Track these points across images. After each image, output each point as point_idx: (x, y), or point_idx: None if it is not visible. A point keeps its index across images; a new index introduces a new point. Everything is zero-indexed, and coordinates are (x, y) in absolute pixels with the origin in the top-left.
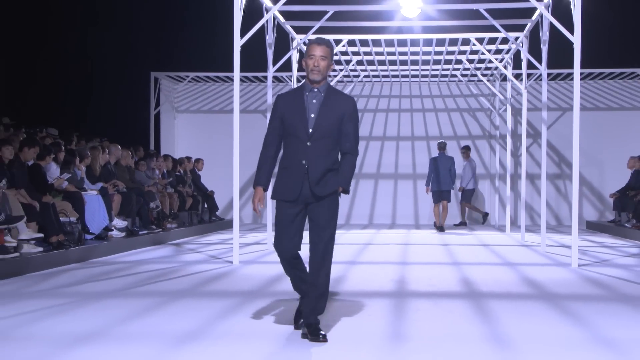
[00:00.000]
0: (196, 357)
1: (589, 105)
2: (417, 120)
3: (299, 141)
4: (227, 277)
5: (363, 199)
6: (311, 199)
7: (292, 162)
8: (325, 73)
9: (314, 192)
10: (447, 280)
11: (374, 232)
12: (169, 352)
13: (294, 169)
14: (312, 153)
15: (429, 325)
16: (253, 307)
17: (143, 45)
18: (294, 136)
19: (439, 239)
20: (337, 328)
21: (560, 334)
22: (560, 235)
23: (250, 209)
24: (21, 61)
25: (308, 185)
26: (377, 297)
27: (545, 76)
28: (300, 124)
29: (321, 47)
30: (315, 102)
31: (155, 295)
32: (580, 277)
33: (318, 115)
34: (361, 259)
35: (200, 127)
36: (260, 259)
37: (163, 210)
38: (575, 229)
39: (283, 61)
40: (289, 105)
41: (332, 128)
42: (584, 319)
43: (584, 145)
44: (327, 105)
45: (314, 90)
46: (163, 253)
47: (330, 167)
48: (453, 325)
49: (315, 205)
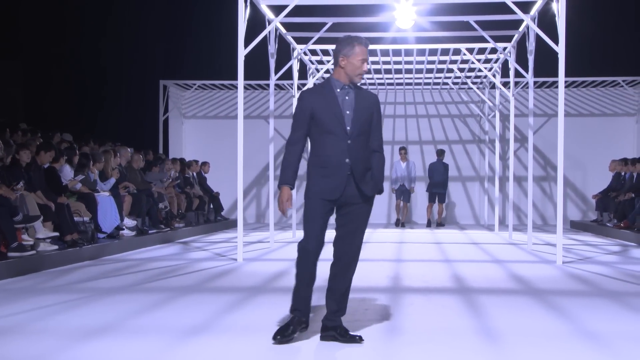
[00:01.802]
0: (202, 349)
1: (573, 112)
2: (411, 126)
3: (338, 139)
4: (231, 273)
5: None
6: (355, 199)
7: (332, 161)
8: None
9: (364, 191)
10: (440, 276)
11: (369, 231)
12: (176, 344)
13: (335, 168)
14: (353, 151)
15: (422, 319)
16: (256, 302)
17: (152, 55)
18: (331, 134)
19: (432, 238)
20: None
21: (546, 327)
22: (545, 234)
23: (253, 209)
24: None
25: (354, 184)
26: (373, 292)
27: (531, 84)
28: (337, 122)
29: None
30: (349, 99)
31: (163, 291)
32: (565, 273)
33: (354, 112)
34: None
35: (206, 132)
36: (263, 257)
37: (171, 210)
38: (560, 228)
39: (284, 70)
40: (320, 102)
41: (367, 125)
42: (568, 313)
43: (568, 149)
44: (360, 103)
45: (345, 87)
46: (171, 251)
47: (368, 166)
48: (445, 319)
49: (357, 206)
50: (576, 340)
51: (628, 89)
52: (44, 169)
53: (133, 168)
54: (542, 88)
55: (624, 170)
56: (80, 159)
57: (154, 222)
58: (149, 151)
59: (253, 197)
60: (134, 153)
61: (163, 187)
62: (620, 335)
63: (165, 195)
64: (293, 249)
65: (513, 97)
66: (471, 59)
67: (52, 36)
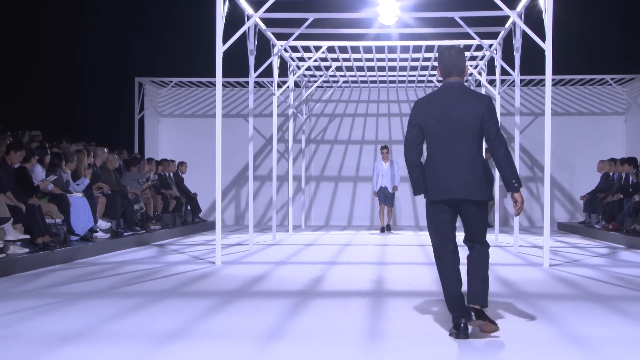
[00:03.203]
0: (179, 356)
1: (560, 111)
2: (395, 125)
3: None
4: (209, 277)
5: (342, 201)
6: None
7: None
8: None
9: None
10: (423, 280)
11: (352, 233)
12: (152, 351)
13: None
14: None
15: (406, 324)
16: (235, 307)
17: (127, 51)
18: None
19: (416, 240)
20: (316, 326)
21: (532, 332)
22: (532, 236)
23: (232, 211)
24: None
25: None
26: (356, 296)
27: (518, 82)
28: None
29: None
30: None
31: (139, 295)
32: (552, 276)
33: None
34: (340, 260)
35: (183, 131)
36: (242, 260)
37: (147, 212)
38: (547, 230)
39: (264, 67)
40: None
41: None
42: (555, 317)
43: (556, 149)
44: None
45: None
46: (147, 254)
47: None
48: (428, 324)
49: None
50: (563, 345)
51: (616, 88)
52: (14, 169)
53: (107, 168)
54: (529, 86)
55: (612, 170)
56: (52, 159)
57: (129, 224)
58: (123, 151)
59: (232, 198)
60: (108, 153)
61: (140, 188)
62: (608, 340)
63: (141, 196)
64: (273, 252)
65: (499, 96)
66: None
67: (23, 31)
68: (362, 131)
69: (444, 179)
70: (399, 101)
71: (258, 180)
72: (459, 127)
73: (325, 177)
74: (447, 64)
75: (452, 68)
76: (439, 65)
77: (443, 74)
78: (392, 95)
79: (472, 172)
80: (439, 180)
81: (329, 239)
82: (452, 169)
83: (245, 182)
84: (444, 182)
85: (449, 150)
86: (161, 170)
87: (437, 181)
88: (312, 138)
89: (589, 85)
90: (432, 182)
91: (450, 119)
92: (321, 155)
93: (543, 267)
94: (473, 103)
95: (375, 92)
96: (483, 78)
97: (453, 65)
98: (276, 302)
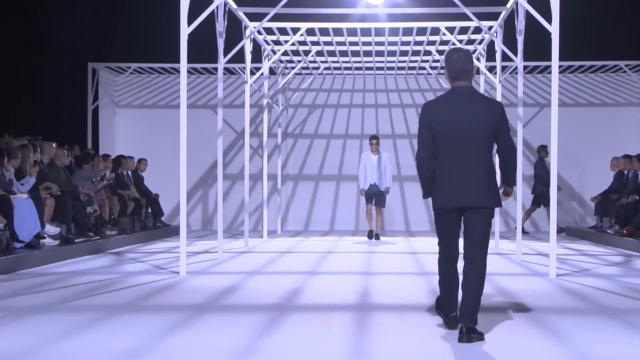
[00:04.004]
0: None
1: (568, 101)
2: (383, 117)
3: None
4: (173, 289)
5: (324, 203)
6: None
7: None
8: None
9: None
10: (415, 291)
11: (335, 240)
12: None
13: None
14: None
15: (395, 341)
16: (201, 322)
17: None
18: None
19: (407, 247)
20: (294, 344)
21: (536, 350)
22: (537, 243)
23: (199, 214)
24: None
25: None
26: (338, 310)
27: (521, 69)
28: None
29: None
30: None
31: (93, 310)
32: (559, 287)
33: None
34: (321, 269)
35: (143, 124)
36: (210, 270)
37: (102, 215)
38: (554, 235)
39: (235, 51)
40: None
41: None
42: (562, 333)
43: (563, 144)
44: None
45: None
46: (102, 263)
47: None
48: (421, 342)
49: None
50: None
51: (631, 75)
52: None
53: (56, 166)
54: (533, 74)
55: (627, 168)
56: None
57: (81, 230)
58: (74, 146)
59: (198, 200)
60: (57, 148)
61: (94, 188)
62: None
63: (95, 197)
64: (245, 261)
65: (500, 84)
66: (452, 40)
67: None
68: (345, 124)
69: (456, 186)
70: (387, 90)
71: (228, 180)
72: (473, 134)
73: (305, 176)
74: (456, 67)
75: (460, 72)
76: (447, 68)
77: (451, 78)
78: (379, 84)
79: (485, 180)
80: (451, 187)
81: (308, 245)
82: (465, 176)
83: (214, 182)
84: (457, 189)
85: (463, 156)
86: (118, 168)
87: (449, 188)
88: (290, 132)
89: (601, 72)
90: (444, 189)
91: (464, 124)
92: (300, 151)
93: (549, 278)
94: (487, 110)
95: (360, 80)
96: (482, 64)
97: (462, 69)
98: (248, 317)
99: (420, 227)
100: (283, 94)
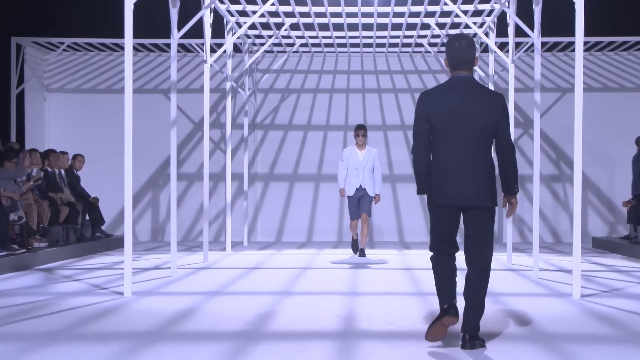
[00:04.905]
0: None
1: (595, 85)
2: (371, 103)
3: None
4: (115, 313)
5: (300, 209)
6: None
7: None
8: None
9: None
10: (410, 316)
11: (314, 253)
12: None
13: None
14: None
15: None
16: (151, 353)
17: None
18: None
19: (400, 262)
20: None
21: None
22: (557, 257)
23: (147, 222)
24: None
25: None
26: (317, 338)
27: (538, 46)
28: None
29: None
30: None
31: (19, 339)
32: (584, 311)
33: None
34: (296, 289)
35: (79, 112)
36: (161, 290)
37: (28, 223)
38: (578, 248)
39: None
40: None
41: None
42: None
43: (589, 138)
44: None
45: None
46: (29, 282)
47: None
48: None
49: None
50: None
51: None
52: None
53: None
54: (553, 52)
55: None
56: None
57: (2, 241)
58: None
59: (147, 205)
60: None
61: (19, 191)
62: None
63: (20, 202)
64: (204, 279)
65: (513, 65)
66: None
67: None
68: (327, 113)
69: (454, 183)
70: (376, 72)
71: (184, 180)
72: (472, 129)
73: (277, 176)
74: (456, 56)
75: (461, 61)
76: (447, 57)
77: (451, 66)
78: (367, 64)
79: (484, 177)
80: (449, 184)
81: (281, 260)
82: (463, 172)
83: (167, 183)
84: (455, 186)
85: (461, 152)
86: (48, 166)
87: (447, 185)
88: (259, 122)
89: (635, 50)
90: (441, 185)
91: (463, 118)
92: (271, 145)
93: (572, 299)
94: (488, 104)
95: (344, 60)
96: (491, 40)
97: (463, 59)
98: (208, 347)
99: (417, 238)
100: (250, 76)
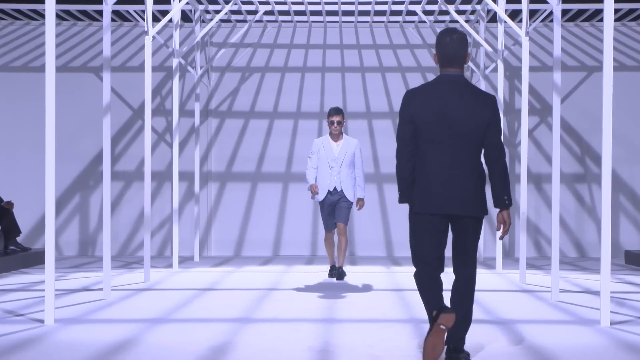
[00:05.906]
0: None
1: (629, 63)
2: (352, 86)
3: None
4: (34, 345)
5: (264, 216)
6: None
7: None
8: None
9: None
10: (399, 347)
11: (281, 270)
12: None
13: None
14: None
15: None
16: None
17: None
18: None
19: (388, 281)
20: None
21: None
22: (582, 275)
23: (74, 233)
24: None
25: None
26: None
27: (558, 15)
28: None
29: None
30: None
31: None
32: (614, 341)
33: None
34: (260, 315)
35: None
36: (91, 316)
37: None
38: (607, 265)
39: None
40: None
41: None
42: None
43: (620, 128)
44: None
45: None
46: None
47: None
48: None
49: None
50: None
51: None
52: None
53: None
54: (576, 22)
55: None
56: None
57: None
58: None
59: (74, 211)
60: None
61: None
62: None
63: None
64: (145, 303)
65: (527, 38)
66: None
67: None
68: (297, 96)
69: (440, 190)
70: (359, 46)
71: (119, 180)
72: (460, 132)
73: (236, 175)
74: (447, 52)
75: (451, 58)
76: (437, 52)
77: (441, 63)
78: (348, 37)
79: (473, 185)
80: (435, 191)
81: (241, 279)
82: (451, 179)
83: (98, 184)
84: (441, 193)
85: (448, 156)
86: None
87: (432, 192)
88: (213, 108)
89: None
90: (426, 192)
91: (451, 120)
92: (228, 137)
93: (600, 327)
94: (478, 105)
95: (319, 32)
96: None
97: (453, 56)
98: None
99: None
100: (203, 52)
